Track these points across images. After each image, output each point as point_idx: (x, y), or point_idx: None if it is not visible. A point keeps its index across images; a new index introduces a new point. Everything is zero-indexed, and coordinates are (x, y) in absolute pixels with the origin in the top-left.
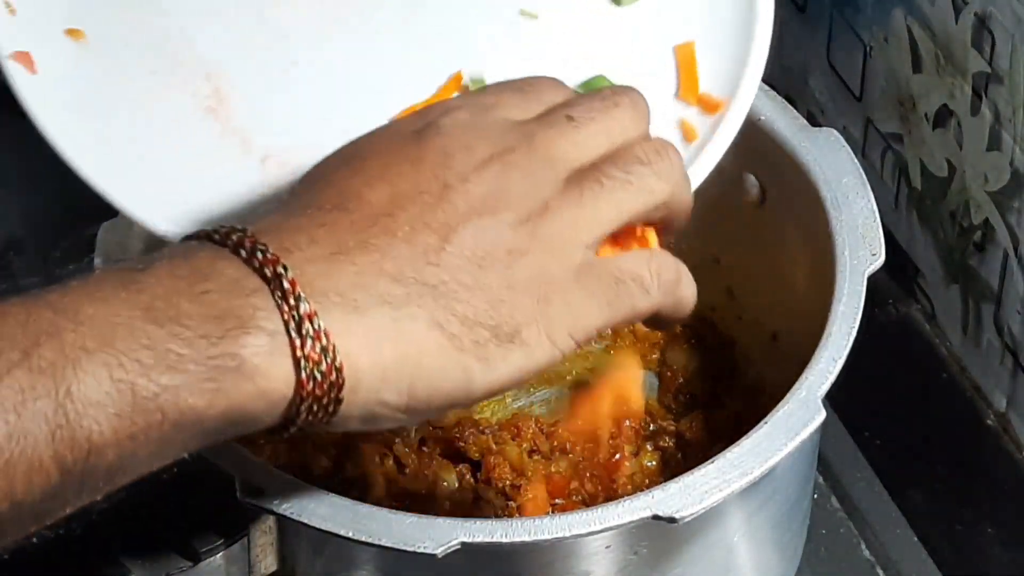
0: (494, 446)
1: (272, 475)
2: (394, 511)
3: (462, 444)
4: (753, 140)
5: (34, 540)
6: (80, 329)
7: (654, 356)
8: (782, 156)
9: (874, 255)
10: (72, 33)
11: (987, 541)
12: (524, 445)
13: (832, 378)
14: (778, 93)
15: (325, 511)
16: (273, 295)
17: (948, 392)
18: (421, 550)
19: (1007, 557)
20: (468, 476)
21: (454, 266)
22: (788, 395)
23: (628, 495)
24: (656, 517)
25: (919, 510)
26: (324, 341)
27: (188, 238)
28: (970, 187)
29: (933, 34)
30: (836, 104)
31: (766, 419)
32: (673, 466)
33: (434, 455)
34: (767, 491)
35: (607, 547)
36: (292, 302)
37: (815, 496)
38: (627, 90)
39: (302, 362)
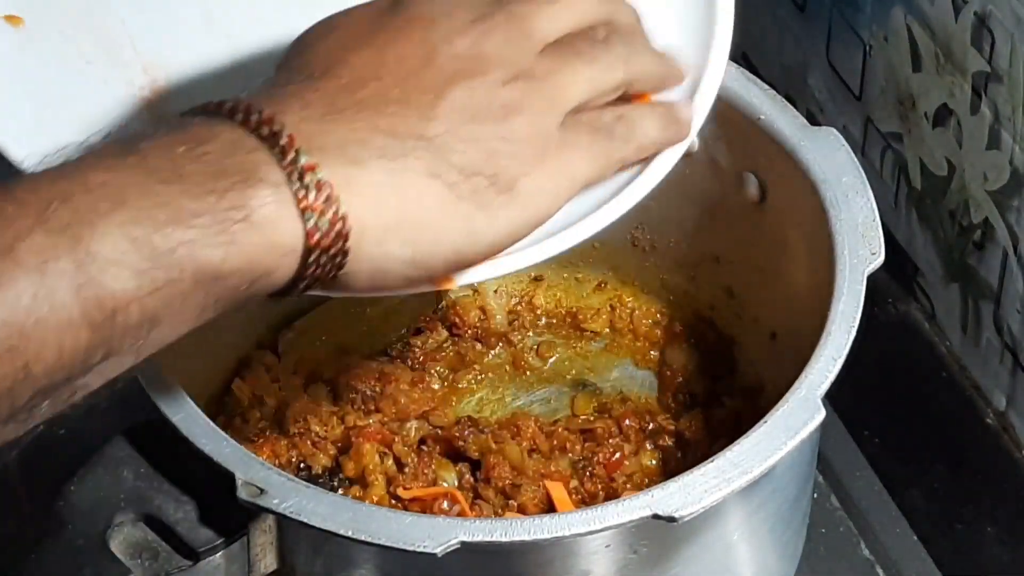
0: (494, 446)
1: (272, 474)
2: (394, 510)
3: (462, 444)
4: (753, 139)
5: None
6: (92, 193)
7: (654, 355)
8: (782, 155)
9: (874, 254)
10: (10, 19)
11: (987, 541)
12: (524, 444)
13: (832, 377)
14: (778, 92)
15: (325, 510)
16: (272, 151)
17: (948, 391)
18: (421, 549)
19: (1007, 557)
20: (468, 476)
21: (449, 120)
22: (788, 394)
23: (628, 494)
24: (656, 516)
25: (919, 509)
26: (327, 192)
27: (181, 114)
28: (970, 186)
29: (933, 33)
30: (836, 103)
31: (766, 418)
32: (673, 465)
33: (434, 455)
34: (767, 490)
35: (607, 546)
36: (291, 156)
37: (815, 495)
38: None
39: (307, 212)
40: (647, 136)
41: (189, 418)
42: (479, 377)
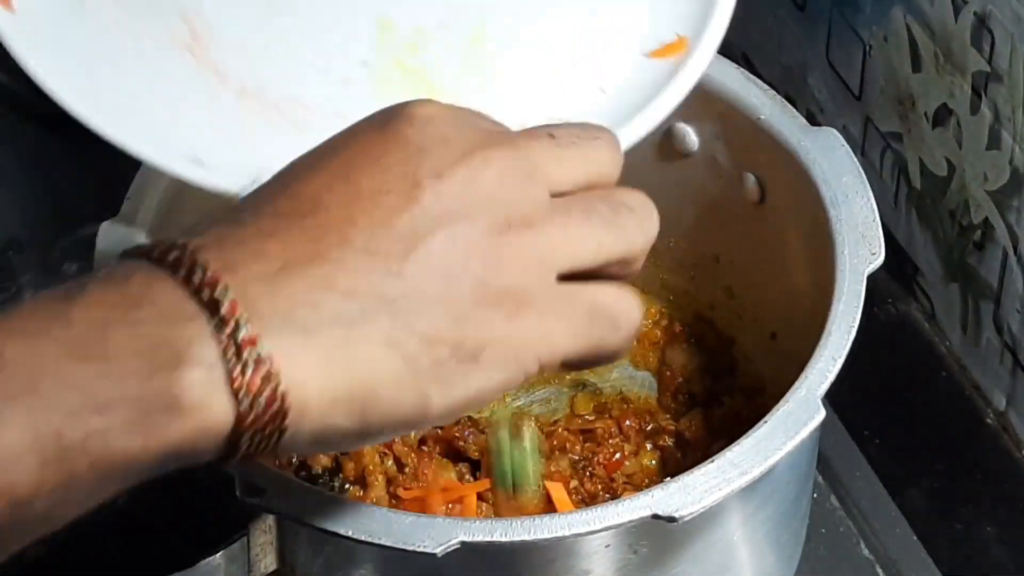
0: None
1: (272, 474)
2: (394, 510)
3: (462, 444)
4: (753, 139)
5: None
6: (4, 372)
7: (653, 355)
8: (782, 155)
9: (874, 254)
10: None
11: (987, 540)
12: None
13: (832, 377)
14: (777, 92)
15: (325, 510)
16: (210, 321)
17: (948, 391)
18: (421, 549)
19: (1007, 556)
20: (468, 476)
21: (418, 277)
22: (788, 394)
23: (628, 494)
24: (656, 516)
25: (919, 509)
26: (266, 368)
27: (126, 254)
28: (969, 186)
29: (932, 33)
30: (835, 103)
31: (766, 418)
32: (672, 465)
33: (434, 455)
34: (766, 490)
35: (606, 546)
36: (230, 330)
37: (815, 495)
38: (604, 129)
39: (240, 393)
40: (632, 324)
41: None
42: None
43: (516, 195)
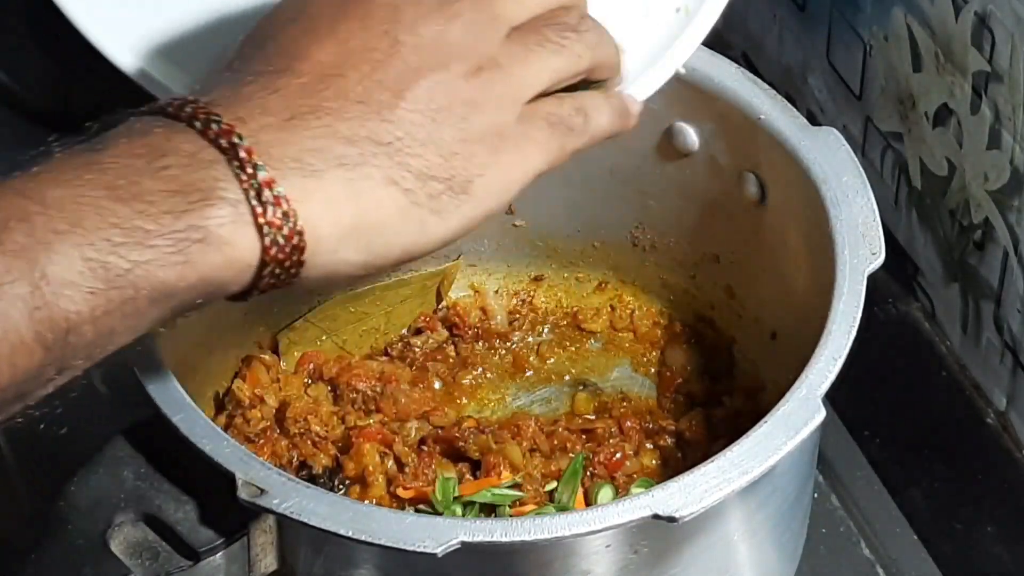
0: (494, 445)
1: (272, 474)
2: (394, 510)
3: (462, 444)
4: (754, 139)
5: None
6: (48, 212)
7: (653, 355)
8: (782, 155)
9: (874, 254)
10: None
11: (987, 540)
12: (524, 444)
13: (832, 377)
14: (778, 92)
15: (325, 510)
16: (231, 165)
17: (948, 391)
18: (421, 549)
19: (1007, 556)
20: (468, 475)
21: (409, 121)
22: (788, 394)
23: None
24: (656, 516)
25: (919, 509)
26: (284, 207)
27: (141, 113)
28: (970, 186)
29: (933, 33)
30: (836, 103)
31: (766, 418)
32: (673, 465)
33: (434, 455)
34: (767, 490)
35: (607, 546)
36: (250, 171)
37: (815, 495)
38: None
39: (264, 228)
40: (600, 128)
41: (189, 418)
42: (479, 378)
43: (482, 41)
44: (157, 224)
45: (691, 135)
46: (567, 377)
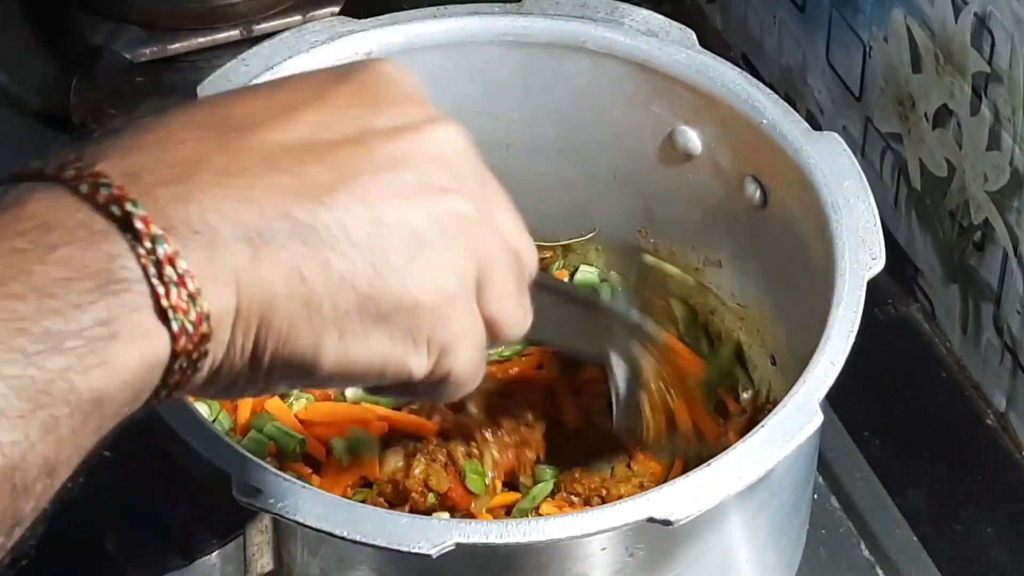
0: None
1: (268, 474)
2: (390, 511)
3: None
4: (756, 143)
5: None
6: None
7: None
8: (784, 160)
9: (874, 259)
10: None
11: (987, 541)
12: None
13: (830, 383)
14: (777, 93)
15: (321, 511)
16: (125, 237)
17: (948, 392)
18: (416, 550)
19: (1007, 557)
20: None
21: (351, 215)
22: (786, 398)
23: (624, 496)
24: (651, 519)
25: (919, 510)
26: (190, 287)
27: (16, 178)
28: (970, 187)
29: (933, 34)
30: (835, 104)
31: (763, 422)
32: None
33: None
34: (765, 494)
35: (603, 549)
36: (148, 245)
37: (815, 496)
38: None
39: (170, 313)
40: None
41: (186, 417)
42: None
43: (464, 171)
44: (65, 322)
45: (694, 139)
46: None
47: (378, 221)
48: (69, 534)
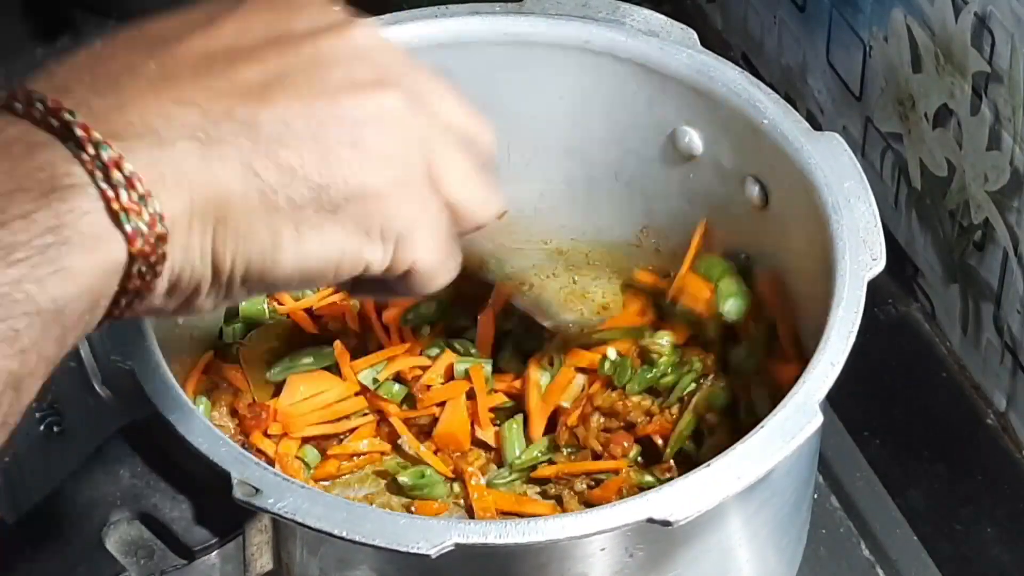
0: None
1: (268, 474)
2: (389, 511)
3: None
4: (756, 144)
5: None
6: None
7: None
8: (785, 160)
9: (875, 260)
10: None
11: (987, 541)
12: None
13: (829, 384)
14: (778, 93)
15: (320, 510)
16: (67, 145)
17: (948, 392)
18: (415, 550)
19: (1007, 557)
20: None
21: (290, 110)
22: (785, 399)
23: (624, 497)
24: (651, 520)
25: (919, 510)
26: (140, 188)
27: None
28: (970, 186)
29: (933, 34)
30: (836, 104)
31: (763, 423)
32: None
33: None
34: (764, 494)
35: (602, 549)
36: (92, 151)
37: (815, 496)
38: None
39: (121, 215)
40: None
41: (186, 417)
42: None
43: (388, 64)
44: (11, 233)
45: (695, 139)
46: None
47: (316, 116)
48: (68, 532)
